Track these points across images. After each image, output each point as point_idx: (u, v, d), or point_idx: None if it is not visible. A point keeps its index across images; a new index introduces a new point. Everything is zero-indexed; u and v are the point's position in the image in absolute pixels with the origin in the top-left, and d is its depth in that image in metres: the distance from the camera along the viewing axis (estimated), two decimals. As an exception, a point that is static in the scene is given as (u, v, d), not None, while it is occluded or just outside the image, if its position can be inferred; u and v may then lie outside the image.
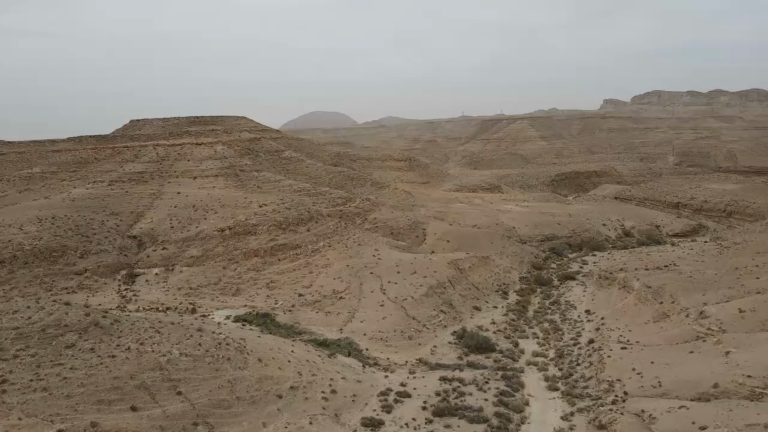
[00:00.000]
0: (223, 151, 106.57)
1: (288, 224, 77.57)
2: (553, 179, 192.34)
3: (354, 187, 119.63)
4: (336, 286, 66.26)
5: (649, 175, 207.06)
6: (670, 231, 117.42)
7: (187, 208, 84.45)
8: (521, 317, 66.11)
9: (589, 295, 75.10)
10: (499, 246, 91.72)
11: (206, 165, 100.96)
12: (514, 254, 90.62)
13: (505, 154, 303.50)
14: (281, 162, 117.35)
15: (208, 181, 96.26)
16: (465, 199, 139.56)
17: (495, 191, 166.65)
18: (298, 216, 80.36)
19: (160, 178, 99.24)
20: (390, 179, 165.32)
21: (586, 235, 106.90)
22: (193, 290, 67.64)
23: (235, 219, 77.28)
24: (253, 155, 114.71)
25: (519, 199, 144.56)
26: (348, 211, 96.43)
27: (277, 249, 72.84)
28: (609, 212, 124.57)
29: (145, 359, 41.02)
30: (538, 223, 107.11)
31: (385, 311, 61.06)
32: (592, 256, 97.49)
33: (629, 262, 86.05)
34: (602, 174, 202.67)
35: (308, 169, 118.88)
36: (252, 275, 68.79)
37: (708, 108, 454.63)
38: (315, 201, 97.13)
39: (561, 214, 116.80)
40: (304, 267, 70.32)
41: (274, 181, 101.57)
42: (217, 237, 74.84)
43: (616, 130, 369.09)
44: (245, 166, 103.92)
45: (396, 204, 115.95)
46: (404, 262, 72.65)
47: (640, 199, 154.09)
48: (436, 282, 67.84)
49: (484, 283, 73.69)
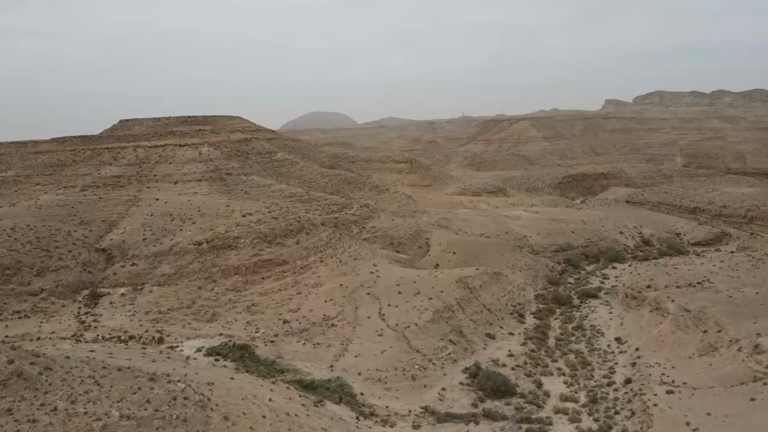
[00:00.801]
0: (208, 153, 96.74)
1: (275, 236, 67.74)
2: (560, 181, 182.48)
3: (351, 192, 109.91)
4: (327, 310, 56.51)
5: (659, 178, 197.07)
6: (692, 239, 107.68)
7: (164, 217, 74.67)
8: (542, 347, 56.29)
9: (616, 318, 65.33)
10: (510, 258, 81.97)
11: (189, 168, 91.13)
12: (528, 267, 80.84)
13: (508, 155, 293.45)
14: (273, 165, 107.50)
15: (190, 186, 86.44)
16: (470, 203, 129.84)
17: (500, 194, 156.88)
18: (287, 226, 70.48)
19: (139, 182, 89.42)
20: (390, 182, 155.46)
21: (603, 244, 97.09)
22: (163, 315, 57.88)
23: (214, 230, 67.43)
24: (243, 157, 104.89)
25: (526, 203, 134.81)
26: (344, 219, 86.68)
27: (260, 265, 63.07)
28: (624, 218, 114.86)
29: (73, 426, 31.39)
30: (550, 230, 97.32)
31: (384, 342, 51.29)
32: (611, 268, 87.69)
33: (656, 277, 76.34)
34: (610, 176, 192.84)
35: (302, 173, 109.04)
36: (231, 297, 59.05)
37: (711, 108, 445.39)
38: (308, 208, 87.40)
39: (574, 221, 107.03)
40: (292, 287, 60.60)
41: (264, 186, 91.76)
42: (193, 251, 65.07)
43: (619, 130, 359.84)
44: (232, 170, 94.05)
45: (396, 210, 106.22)
46: (406, 279, 62.91)
47: (653, 203, 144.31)
48: (443, 305, 58.07)
49: (497, 304, 63.90)
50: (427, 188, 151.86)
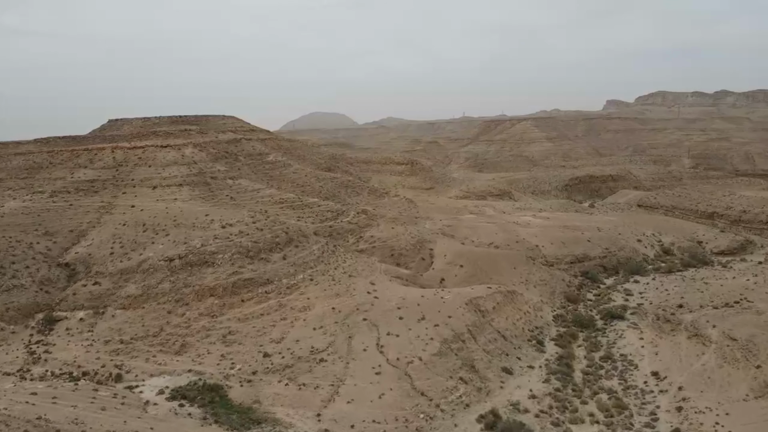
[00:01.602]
0: (192, 154, 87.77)
1: (258, 251, 58.81)
2: (567, 184, 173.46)
3: (348, 196, 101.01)
4: (316, 340, 47.63)
5: (669, 180, 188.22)
6: (715, 248, 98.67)
7: (136, 227, 65.74)
8: (568, 383, 47.38)
9: (649, 345, 56.33)
10: (523, 272, 73.08)
11: (170, 171, 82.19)
12: (543, 283, 71.96)
13: (511, 155, 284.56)
14: (264, 167, 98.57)
15: (170, 192, 77.50)
16: (475, 208, 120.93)
17: (506, 198, 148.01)
18: (273, 239, 61.50)
19: (114, 187, 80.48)
20: (390, 185, 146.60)
21: (622, 254, 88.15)
22: (125, 345, 49.03)
23: (188, 244, 58.48)
24: (231, 159, 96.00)
25: (534, 208, 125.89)
26: (339, 227, 77.83)
27: (240, 286, 54.23)
28: (641, 224, 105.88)
29: None
30: (564, 240, 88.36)
31: (383, 383, 42.43)
32: (633, 282, 78.76)
33: (687, 294, 67.63)
34: (618, 178, 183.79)
35: (295, 176, 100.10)
36: (205, 323, 50.21)
37: (714, 109, 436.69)
38: (300, 215, 78.55)
39: (588, 228, 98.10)
40: (276, 311, 51.76)
41: (252, 191, 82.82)
42: (163, 269, 56.18)
43: (622, 131, 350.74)
44: (218, 173, 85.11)
45: (397, 216, 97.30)
46: (408, 301, 54.03)
47: (667, 208, 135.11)
48: (452, 333, 49.19)
49: (512, 330, 55.01)
50: (429, 191, 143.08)
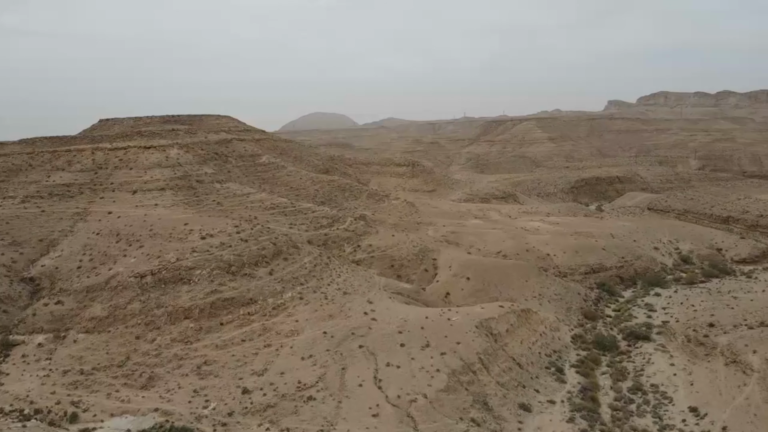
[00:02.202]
0: (177, 156, 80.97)
1: (241, 265, 51.98)
2: (573, 186, 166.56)
3: (346, 200, 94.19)
4: (304, 373, 40.83)
5: (677, 182, 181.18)
6: (735, 256, 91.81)
7: (109, 238, 58.97)
8: (595, 423, 40.52)
9: (682, 373, 49.52)
10: (535, 285, 66.27)
11: (152, 174, 75.46)
12: (558, 297, 65.17)
13: (513, 156, 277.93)
14: (256, 169, 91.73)
15: (151, 197, 70.73)
16: (479, 211, 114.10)
17: (510, 200, 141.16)
18: (258, 251, 54.66)
19: (92, 191, 73.74)
20: (390, 187, 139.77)
21: (639, 264, 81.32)
22: (85, 376, 42.27)
23: (162, 258, 51.74)
24: (221, 161, 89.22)
25: (542, 212, 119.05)
26: (335, 235, 71.03)
27: (219, 306, 47.49)
28: (656, 230, 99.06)
29: None
30: (578, 248, 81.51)
31: (382, 428, 35.64)
32: (654, 295, 71.93)
33: (716, 311, 60.88)
34: (625, 180, 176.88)
35: (289, 178, 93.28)
36: (177, 351, 43.47)
37: (716, 109, 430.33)
38: (292, 222, 71.77)
39: (600, 234, 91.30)
40: (259, 336, 45.02)
41: (241, 195, 76.02)
42: (133, 287, 49.43)
43: (625, 131, 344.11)
44: (205, 176, 78.31)
45: (397, 221, 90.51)
46: (411, 324, 47.23)
47: (679, 211, 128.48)
48: (461, 363, 42.40)
49: (528, 355, 48.21)
50: (431, 194, 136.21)
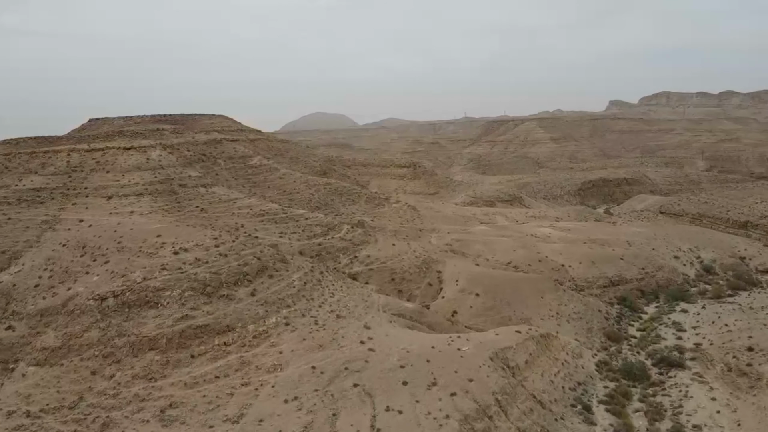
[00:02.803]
0: (159, 158, 73.89)
1: (219, 285, 44.83)
2: (580, 188, 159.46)
3: (343, 205, 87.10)
4: (286, 421, 33.71)
5: (686, 184, 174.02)
6: (760, 265, 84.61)
7: (75, 250, 51.88)
8: (636, 481, 33.64)
9: (726, 410, 42.33)
10: (552, 302, 59.14)
11: (131, 178, 68.40)
12: (577, 316, 58.04)
13: (515, 157, 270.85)
14: (246, 172, 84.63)
15: (127, 203, 63.66)
16: (484, 216, 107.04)
17: (516, 204, 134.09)
18: (239, 267, 47.51)
19: (64, 197, 66.63)
20: (391, 189, 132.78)
21: (661, 276, 74.18)
22: (31, 420, 35.17)
23: (127, 277, 44.62)
24: (208, 163, 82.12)
25: (550, 216, 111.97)
26: (329, 245, 63.92)
27: (190, 335, 40.35)
28: (674, 237, 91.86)
29: None
30: (595, 258, 74.37)
31: (380, 496, 28.60)
32: (681, 312, 64.67)
33: (754, 331, 53.95)
34: (633, 182, 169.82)
35: (282, 181, 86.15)
36: (139, 390, 36.41)
37: (719, 110, 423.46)
38: (282, 230, 64.66)
39: (616, 242, 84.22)
40: (236, 371, 37.97)
41: (227, 201, 68.92)
42: (93, 311, 42.28)
43: (628, 132, 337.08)
44: (188, 180, 71.20)
45: (398, 228, 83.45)
46: (415, 355, 40.13)
47: (693, 216, 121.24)
48: (475, 405, 35.28)
49: (551, 392, 41.10)
50: (433, 197, 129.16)
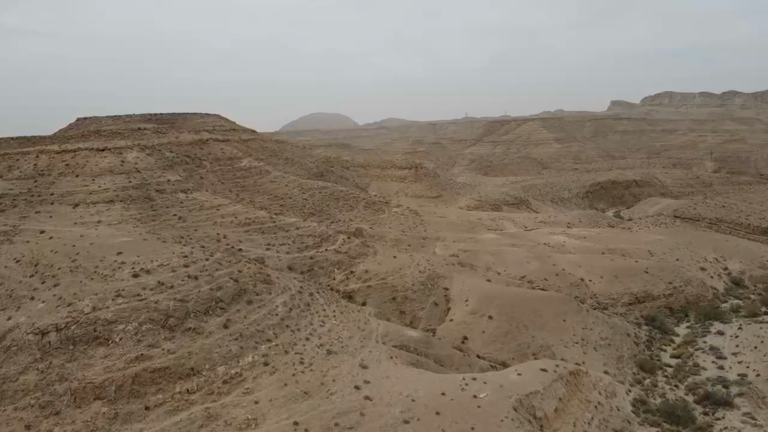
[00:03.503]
0: (136, 160, 66.18)
1: (185, 315, 36.91)
2: (588, 190, 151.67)
3: (340, 211, 79.43)
4: (259, 500, 26.04)
5: (697, 186, 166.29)
6: (793, 276, 77.25)
7: (27, 268, 44.14)
8: None
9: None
10: (576, 325, 51.36)
11: (102, 183, 60.72)
12: (605, 342, 50.29)
13: (518, 157, 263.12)
14: (234, 175, 76.90)
15: (95, 211, 55.92)
16: (491, 221, 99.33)
17: (523, 207, 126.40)
18: (211, 293, 39.47)
19: (27, 204, 58.81)
20: (391, 192, 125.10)
21: (690, 291, 66.41)
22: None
23: (74, 306, 36.88)
24: (193, 165, 74.41)
25: (561, 222, 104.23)
26: (323, 259, 56.21)
27: (146, 381, 32.54)
28: (697, 245, 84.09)
29: None
30: (616, 271, 66.60)
31: None
32: (716, 334, 56.83)
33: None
34: (643, 184, 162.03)
35: (274, 185, 78.41)
36: (76, 454, 28.90)
37: (722, 110, 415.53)
38: (270, 242, 56.97)
39: (637, 252, 76.54)
40: (199, 428, 30.30)
41: (210, 208, 61.19)
42: (32, 347, 34.52)
43: (631, 132, 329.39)
44: (167, 184, 63.50)
45: (399, 236, 75.77)
46: (421, 406, 32.39)
47: (711, 220, 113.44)
48: (497, 475, 27.67)
49: (586, 447, 33.47)
50: (436, 200, 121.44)
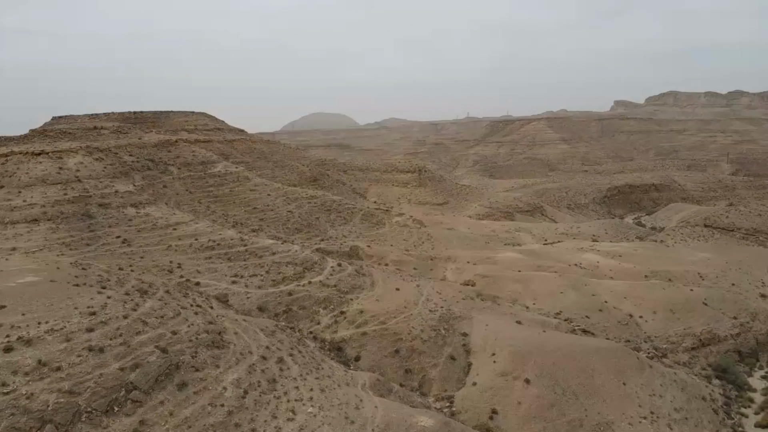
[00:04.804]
0: (78, 166, 52.87)
1: (74, 416, 22.65)
2: (605, 195, 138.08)
3: (332, 225, 65.94)
4: None
5: (720, 190, 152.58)
6: None
7: None
8: None
9: None
10: (640, 389, 37.79)
11: (28, 196, 47.51)
12: (680, 416, 36.58)
13: (524, 158, 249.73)
14: (206, 182, 63.47)
15: (13, 234, 42.61)
16: (507, 234, 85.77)
17: (537, 215, 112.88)
18: (122, 375, 24.48)
19: (-68, 222, 45.69)
20: (393, 198, 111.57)
21: (758, 328, 52.70)
22: None
23: None
24: (155, 171, 60.97)
25: (585, 234, 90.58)
26: (304, 296, 42.69)
27: None
28: (750, 265, 70.42)
29: None
30: (671, 304, 52.89)
31: None
32: (812, 391, 43.81)
33: None
34: (662, 188, 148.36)
35: (254, 195, 64.98)
36: None
37: (729, 110, 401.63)
38: (238, 273, 43.50)
39: (685, 275, 63.06)
40: None
41: (165, 227, 47.76)
42: None
43: (638, 132, 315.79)
44: (114, 197, 50.22)
45: (403, 256, 62.29)
46: None
47: (746, 231, 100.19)
48: None
49: None
50: (442, 207, 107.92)
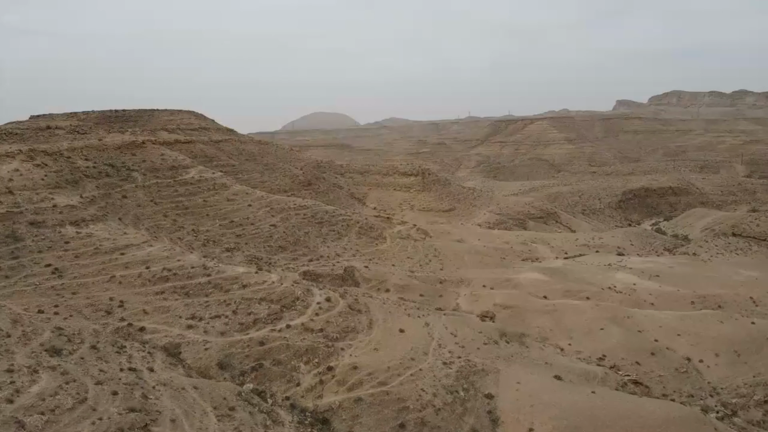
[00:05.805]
0: (12, 174, 42.40)
1: None
2: (621, 200, 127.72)
3: (324, 241, 55.55)
4: None
5: (740, 193, 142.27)
6: None
7: None
8: None
9: None
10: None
11: (-64, 212, 37.38)
12: None
13: (528, 159, 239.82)
14: (175, 191, 53.14)
15: None
16: (522, 246, 75.35)
17: (551, 222, 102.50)
18: None
19: None
20: (394, 204, 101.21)
21: None
22: None
23: None
24: (114, 179, 50.65)
25: (609, 245, 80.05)
26: (280, 345, 32.25)
27: None
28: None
29: None
30: (732, 342, 42.48)
31: None
32: None
33: None
34: (679, 192, 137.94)
35: (231, 205, 54.63)
36: None
37: (733, 109, 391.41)
38: (196, 313, 33.16)
39: (736, 300, 52.82)
40: None
41: (111, 252, 37.43)
42: None
43: (643, 132, 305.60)
44: (50, 212, 39.99)
45: (407, 279, 51.90)
46: None
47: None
48: None
49: None
50: (449, 214, 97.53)
